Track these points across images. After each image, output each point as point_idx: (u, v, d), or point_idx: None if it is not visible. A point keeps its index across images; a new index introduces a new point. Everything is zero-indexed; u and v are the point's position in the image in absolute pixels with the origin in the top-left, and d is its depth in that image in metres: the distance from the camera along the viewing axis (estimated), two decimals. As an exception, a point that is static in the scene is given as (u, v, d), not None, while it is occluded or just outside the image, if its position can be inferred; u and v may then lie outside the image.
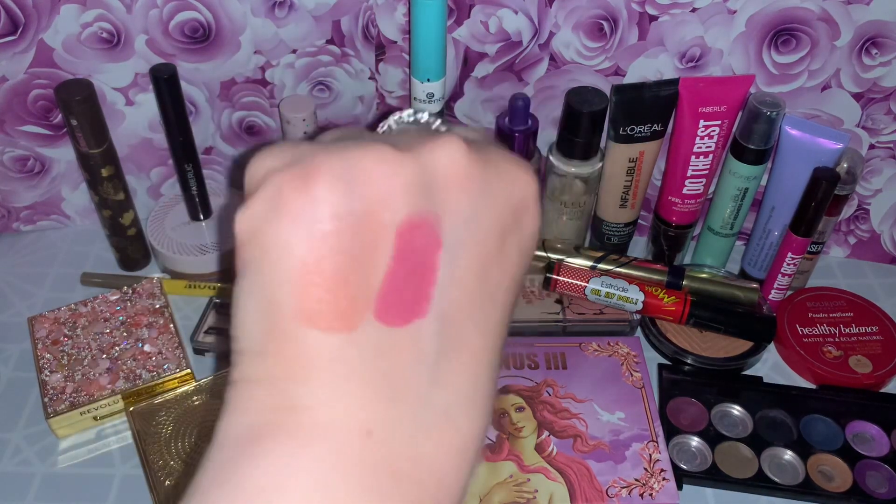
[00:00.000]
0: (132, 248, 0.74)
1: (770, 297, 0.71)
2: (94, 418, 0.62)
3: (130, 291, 0.68)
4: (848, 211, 0.75)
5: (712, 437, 0.62)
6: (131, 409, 0.61)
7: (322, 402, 0.21)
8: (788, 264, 0.68)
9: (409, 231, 0.22)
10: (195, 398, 0.62)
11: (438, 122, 0.27)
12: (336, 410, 0.21)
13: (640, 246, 0.79)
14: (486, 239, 0.23)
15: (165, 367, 0.63)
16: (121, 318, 0.66)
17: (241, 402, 0.22)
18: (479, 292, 0.23)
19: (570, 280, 0.68)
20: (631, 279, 0.68)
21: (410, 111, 0.27)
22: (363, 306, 0.21)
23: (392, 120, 0.27)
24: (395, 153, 0.22)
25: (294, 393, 0.21)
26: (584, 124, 0.65)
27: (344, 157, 0.22)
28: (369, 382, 0.21)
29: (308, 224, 0.21)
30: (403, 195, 0.22)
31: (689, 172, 0.69)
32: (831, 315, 0.71)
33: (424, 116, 0.27)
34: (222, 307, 0.70)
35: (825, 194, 0.63)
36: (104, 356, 0.64)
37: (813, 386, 0.67)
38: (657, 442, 0.60)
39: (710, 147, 0.67)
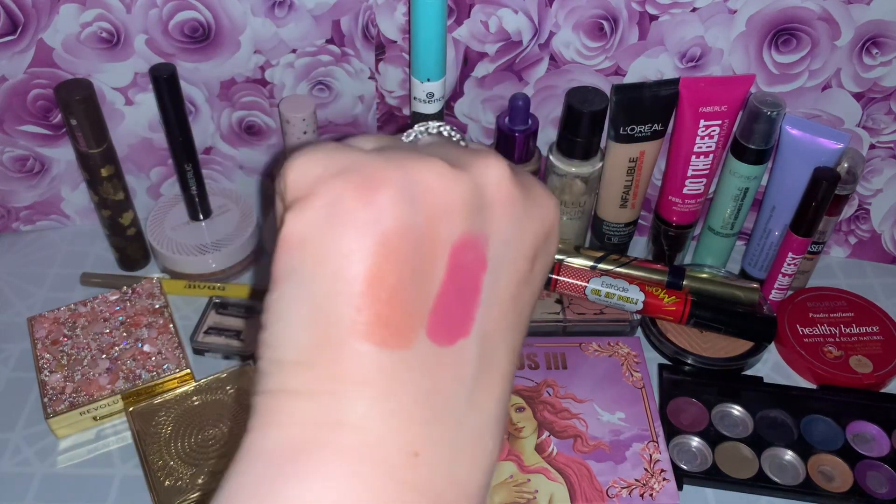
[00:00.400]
0: (132, 248, 0.74)
1: (770, 297, 0.71)
2: (94, 418, 0.62)
3: (130, 291, 0.68)
4: (848, 211, 0.74)
5: (713, 438, 0.62)
6: (131, 409, 0.61)
7: (371, 420, 0.20)
8: (789, 264, 0.68)
9: (462, 249, 0.22)
10: (195, 398, 0.62)
11: (459, 136, 0.27)
12: (384, 429, 0.20)
13: (640, 246, 0.79)
14: (522, 261, 0.24)
15: (165, 367, 0.63)
16: (120, 318, 0.66)
17: (280, 414, 0.21)
18: (512, 313, 0.24)
19: (570, 280, 0.68)
20: (631, 279, 0.68)
21: (436, 123, 0.27)
22: (418, 323, 0.21)
23: (418, 130, 0.27)
24: (452, 169, 0.22)
25: (342, 408, 0.20)
26: (584, 124, 0.65)
27: (404, 168, 0.21)
28: (415, 401, 0.21)
29: (372, 235, 0.20)
30: (460, 212, 0.21)
31: (690, 172, 0.68)
32: (832, 315, 0.71)
33: (447, 130, 0.27)
34: (223, 307, 0.70)
35: (826, 194, 0.63)
36: (104, 356, 0.63)
37: (813, 386, 0.67)
38: (657, 442, 0.60)
39: (710, 147, 0.67)
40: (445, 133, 0.27)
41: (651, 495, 0.57)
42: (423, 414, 0.21)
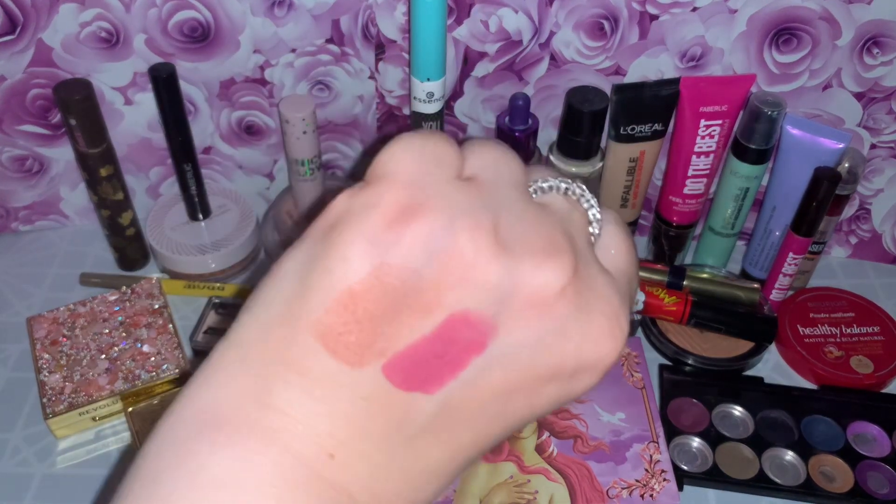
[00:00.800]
0: (131, 248, 0.74)
1: (771, 297, 0.70)
2: (93, 419, 0.62)
3: (129, 291, 0.68)
4: (849, 211, 0.74)
5: (713, 438, 0.62)
6: (130, 409, 0.61)
7: (296, 412, 0.20)
8: (790, 264, 0.67)
9: (460, 323, 0.21)
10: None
11: (595, 208, 0.25)
12: (307, 423, 0.20)
13: (640, 246, 0.79)
14: (527, 373, 0.22)
15: (164, 367, 0.63)
16: (119, 318, 0.66)
17: (223, 376, 0.21)
18: (491, 409, 0.22)
19: (570, 280, 0.68)
20: (631, 279, 0.68)
21: (579, 189, 0.25)
22: (377, 354, 0.21)
23: (554, 184, 0.25)
24: (497, 254, 0.21)
25: (277, 390, 0.21)
26: (584, 124, 0.64)
27: (455, 221, 0.21)
28: (345, 415, 0.21)
29: (377, 258, 0.20)
30: (476, 291, 0.21)
31: (690, 172, 0.68)
32: (832, 315, 0.71)
33: (587, 201, 0.25)
34: (222, 307, 0.70)
35: (826, 194, 0.63)
36: (103, 356, 0.63)
37: (814, 386, 0.67)
38: (658, 443, 0.60)
39: (710, 147, 0.67)
40: (584, 205, 0.25)
41: (651, 496, 0.56)
42: (353, 429, 0.21)
